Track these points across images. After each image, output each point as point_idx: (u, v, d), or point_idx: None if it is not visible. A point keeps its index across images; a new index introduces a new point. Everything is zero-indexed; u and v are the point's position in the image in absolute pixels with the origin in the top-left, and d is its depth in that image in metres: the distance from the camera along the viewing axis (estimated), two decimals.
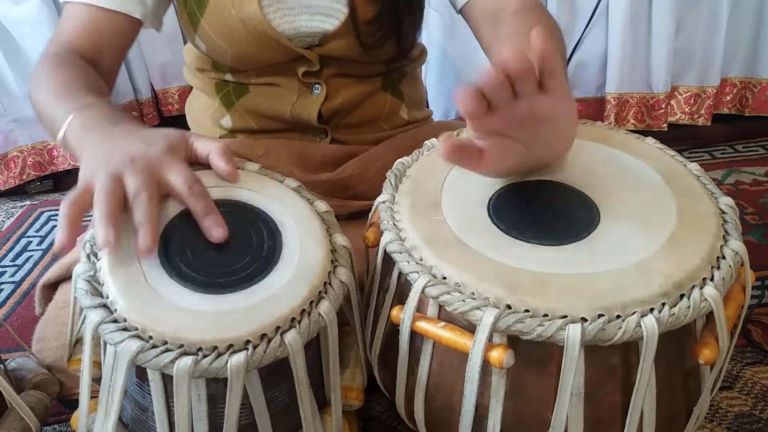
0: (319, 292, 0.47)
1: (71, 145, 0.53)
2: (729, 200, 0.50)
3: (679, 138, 1.42)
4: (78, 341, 0.52)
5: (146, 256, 0.45)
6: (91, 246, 0.48)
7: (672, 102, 1.41)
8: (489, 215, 0.49)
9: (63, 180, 1.45)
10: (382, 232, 0.50)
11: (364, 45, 0.72)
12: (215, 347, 0.42)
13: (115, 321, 0.43)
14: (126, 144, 0.49)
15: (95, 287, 0.45)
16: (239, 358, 0.41)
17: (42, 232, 1.24)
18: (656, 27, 1.30)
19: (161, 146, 0.49)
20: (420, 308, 0.47)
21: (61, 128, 0.53)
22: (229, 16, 0.69)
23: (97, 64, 0.67)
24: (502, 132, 0.46)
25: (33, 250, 1.17)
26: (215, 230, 0.47)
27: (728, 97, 1.43)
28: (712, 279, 0.44)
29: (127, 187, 0.46)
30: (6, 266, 1.12)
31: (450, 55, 1.39)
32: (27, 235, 1.23)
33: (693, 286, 0.43)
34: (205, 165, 0.53)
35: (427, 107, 0.94)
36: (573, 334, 0.40)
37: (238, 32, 0.70)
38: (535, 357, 0.44)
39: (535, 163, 0.51)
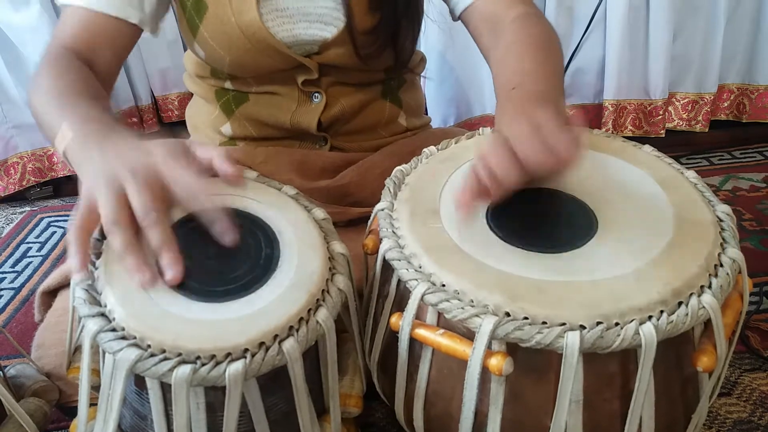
0: (317, 300, 0.47)
1: (71, 161, 0.52)
2: (726, 208, 0.51)
3: (677, 144, 1.42)
4: (77, 349, 0.52)
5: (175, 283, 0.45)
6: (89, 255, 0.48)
7: (670, 108, 1.41)
8: (488, 223, 0.50)
9: (63, 186, 1.44)
10: (381, 239, 0.50)
11: (361, 55, 0.72)
12: (213, 356, 0.42)
13: (114, 330, 0.43)
14: (125, 155, 0.48)
15: (93, 296, 0.45)
16: (237, 366, 0.41)
17: (42, 239, 1.23)
18: (654, 34, 1.30)
19: (161, 154, 0.48)
20: (419, 315, 0.47)
21: (61, 144, 0.53)
22: (228, 23, 0.70)
23: (93, 66, 0.66)
24: None
25: (33, 257, 1.17)
26: (227, 235, 0.48)
27: (726, 104, 1.43)
28: (710, 287, 0.44)
29: (133, 206, 0.45)
30: (5, 272, 1.12)
31: (449, 62, 1.39)
32: (27, 241, 1.23)
33: (691, 294, 0.43)
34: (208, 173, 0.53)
35: (426, 114, 0.94)
36: (572, 342, 0.40)
37: (236, 39, 0.70)
38: (533, 364, 0.44)
39: (536, 174, 0.51)
